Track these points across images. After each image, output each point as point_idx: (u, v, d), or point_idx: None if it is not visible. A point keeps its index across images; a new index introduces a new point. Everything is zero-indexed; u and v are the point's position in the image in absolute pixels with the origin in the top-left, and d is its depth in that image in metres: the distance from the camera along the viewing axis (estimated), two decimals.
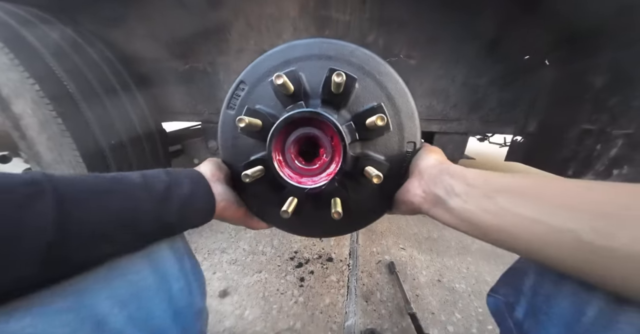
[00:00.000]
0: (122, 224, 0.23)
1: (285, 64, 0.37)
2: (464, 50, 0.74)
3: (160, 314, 0.26)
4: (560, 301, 0.23)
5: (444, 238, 1.11)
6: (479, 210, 0.24)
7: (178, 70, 0.99)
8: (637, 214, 0.17)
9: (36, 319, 0.20)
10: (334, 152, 0.34)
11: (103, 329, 0.22)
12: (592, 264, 0.19)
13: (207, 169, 0.36)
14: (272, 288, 0.83)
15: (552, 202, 0.21)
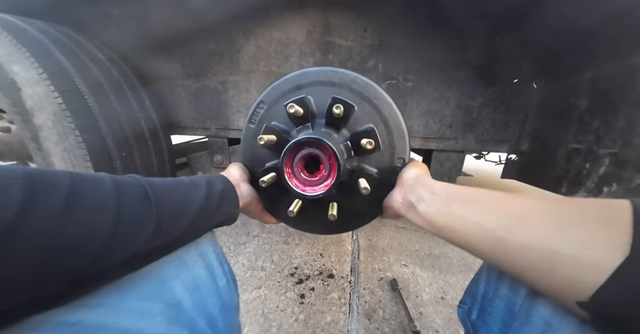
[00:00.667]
0: (188, 209, 0.30)
1: (297, 88, 0.45)
2: (456, 75, 0.81)
3: (212, 304, 0.31)
4: (499, 301, 0.28)
5: (446, 255, 1.11)
6: (437, 213, 0.31)
7: (190, 88, 1.05)
8: (532, 217, 0.23)
9: (130, 301, 0.24)
10: (332, 168, 0.40)
11: (179, 310, 0.27)
12: (503, 256, 0.24)
13: (235, 171, 0.45)
14: (272, 304, 0.81)
15: (485, 208, 0.27)
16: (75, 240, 0.19)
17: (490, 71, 0.76)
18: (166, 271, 0.28)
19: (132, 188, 0.25)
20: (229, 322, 0.33)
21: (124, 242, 0.22)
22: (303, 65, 0.93)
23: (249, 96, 1.00)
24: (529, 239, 0.22)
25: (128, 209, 0.23)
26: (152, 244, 0.25)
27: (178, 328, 0.27)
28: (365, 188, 0.39)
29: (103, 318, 0.22)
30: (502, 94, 0.75)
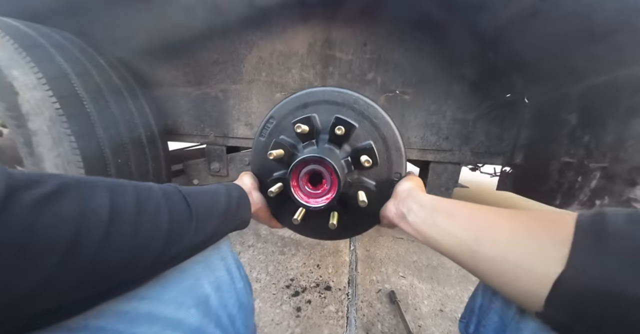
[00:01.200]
0: (215, 212, 0.34)
1: (304, 106, 0.50)
2: (452, 90, 0.84)
3: (231, 304, 0.35)
4: (493, 314, 0.30)
5: (444, 266, 1.10)
6: (424, 224, 0.34)
7: (191, 95, 1.05)
8: (496, 230, 0.26)
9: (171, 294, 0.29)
10: (333, 183, 0.44)
11: (207, 305, 0.31)
12: (476, 266, 0.26)
13: (248, 180, 0.50)
14: (267, 318, 0.78)
15: (461, 221, 0.30)
16: (146, 238, 0.24)
17: (485, 86, 0.80)
18: (197, 270, 0.32)
19: (175, 195, 0.29)
20: (246, 321, 0.37)
21: (176, 239, 0.27)
22: (304, 76, 0.95)
23: (249, 105, 1.01)
24: (494, 252, 0.25)
25: (176, 212, 0.28)
26: (192, 242, 0.30)
27: (207, 321, 0.31)
28: (363, 201, 0.43)
29: (149, 307, 0.26)
30: (496, 108, 0.79)
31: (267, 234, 1.23)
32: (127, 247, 0.22)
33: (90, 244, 0.19)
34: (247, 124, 1.03)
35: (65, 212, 0.19)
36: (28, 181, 0.18)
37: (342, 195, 0.44)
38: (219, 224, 0.34)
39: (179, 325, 0.28)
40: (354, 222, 0.52)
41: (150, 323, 0.26)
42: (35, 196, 0.18)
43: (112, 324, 0.24)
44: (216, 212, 0.34)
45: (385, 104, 0.87)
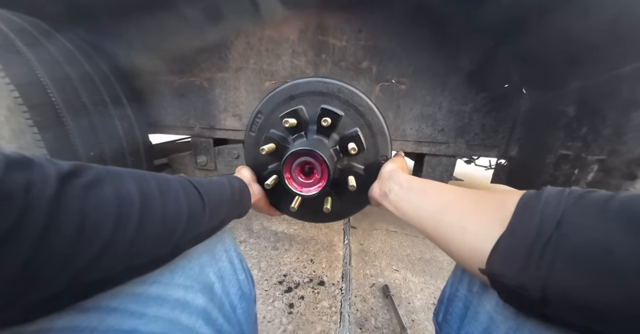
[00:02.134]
0: (223, 201, 0.37)
1: (290, 98, 0.51)
2: (448, 81, 0.81)
3: (233, 293, 0.37)
4: (458, 302, 0.33)
5: (436, 260, 1.11)
6: (402, 201, 0.39)
7: (173, 84, 0.98)
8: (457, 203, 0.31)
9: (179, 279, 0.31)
10: (323, 172, 0.46)
11: (212, 292, 0.33)
12: (436, 231, 0.31)
13: (246, 173, 0.53)
14: (258, 315, 0.76)
15: (430, 197, 0.35)
16: (171, 220, 0.27)
17: (482, 78, 0.77)
18: (203, 260, 0.34)
19: (187, 184, 0.32)
20: (247, 310, 0.39)
21: (194, 224, 0.31)
22: (295, 64, 0.90)
23: (237, 95, 0.95)
24: (452, 219, 0.29)
25: (191, 199, 0.31)
26: (207, 227, 0.33)
27: (212, 305, 0.33)
28: (352, 186, 0.47)
29: (159, 290, 0.28)
30: (492, 100, 0.77)
31: (259, 230, 1.20)
32: (157, 227, 0.26)
33: (129, 223, 0.23)
34: (235, 115, 0.97)
35: (107, 196, 0.22)
36: (72, 168, 0.21)
37: (333, 181, 0.47)
38: (226, 212, 0.38)
39: (187, 306, 0.30)
40: (346, 205, 0.56)
41: (159, 304, 0.28)
42: (83, 182, 0.21)
43: (124, 305, 0.25)
44: (224, 201, 0.37)
45: (380, 95, 0.83)
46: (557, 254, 0.19)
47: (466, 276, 0.33)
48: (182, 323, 0.29)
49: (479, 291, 0.29)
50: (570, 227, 0.20)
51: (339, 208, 0.55)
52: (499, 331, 0.25)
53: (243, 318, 0.38)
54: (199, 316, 0.30)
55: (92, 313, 0.23)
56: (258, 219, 1.29)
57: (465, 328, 0.30)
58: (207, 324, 0.31)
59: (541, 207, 0.22)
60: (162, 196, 0.27)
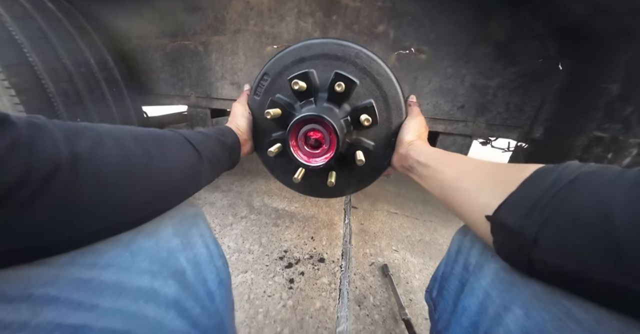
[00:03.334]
0: (215, 156, 0.38)
1: (300, 60, 0.46)
2: (474, 51, 0.72)
3: (211, 280, 0.34)
4: (454, 279, 0.34)
5: (436, 241, 1.11)
6: (422, 178, 0.40)
7: (166, 48, 0.89)
8: (474, 172, 0.32)
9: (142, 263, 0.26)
10: (332, 142, 0.43)
11: (184, 279, 0.30)
12: (452, 195, 0.33)
13: (243, 124, 0.50)
14: (259, 290, 0.77)
15: (449, 167, 0.36)
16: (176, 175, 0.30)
17: (512, 49, 0.68)
18: (173, 244, 0.31)
19: (183, 140, 0.33)
20: (226, 298, 0.36)
21: (196, 178, 0.33)
22: (301, 26, 0.79)
23: (235, 60, 0.86)
24: (470, 183, 0.31)
25: (189, 154, 0.32)
26: (207, 181, 0.36)
27: (186, 294, 0.29)
28: (361, 160, 0.44)
29: (116, 276, 0.24)
30: (522, 75, 0.68)
31: (260, 206, 1.19)
32: (164, 183, 0.27)
33: (138, 181, 0.24)
34: (233, 83, 0.89)
35: (114, 155, 0.23)
36: (73, 129, 0.22)
37: (340, 155, 0.45)
38: (221, 166, 0.40)
39: (153, 296, 0.25)
40: (351, 181, 0.54)
41: (117, 293, 0.23)
42: (87, 142, 0.22)
43: (67, 293, 0.20)
44: (216, 156, 0.38)
45: (397, 64, 0.74)
46: (561, 205, 0.20)
47: (461, 256, 0.35)
48: (148, 316, 0.24)
49: (475, 270, 0.31)
50: (581, 184, 0.20)
51: (342, 184, 0.53)
52: (494, 304, 0.26)
53: (222, 306, 0.34)
54: (169, 307, 0.26)
55: (20, 303, 0.18)
56: (259, 195, 1.28)
57: (461, 302, 0.31)
58: (181, 316, 0.27)
59: (560, 169, 0.23)
60: (163, 155, 0.28)
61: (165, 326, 0.25)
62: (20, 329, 0.17)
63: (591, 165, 0.22)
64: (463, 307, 0.30)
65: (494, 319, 0.25)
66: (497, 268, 0.27)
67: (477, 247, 0.32)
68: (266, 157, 0.53)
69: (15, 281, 0.19)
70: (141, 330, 0.23)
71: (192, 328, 0.27)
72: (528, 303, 0.23)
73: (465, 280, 0.32)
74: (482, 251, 0.31)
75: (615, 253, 0.17)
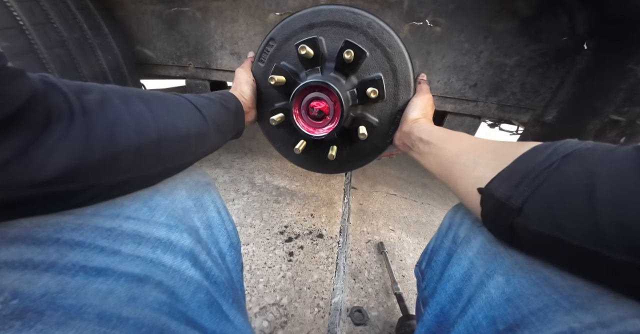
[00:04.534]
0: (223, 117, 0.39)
1: (309, 27, 0.44)
2: (495, 26, 0.65)
3: (222, 242, 0.36)
4: (442, 252, 0.36)
5: (432, 223, 1.13)
6: (423, 156, 0.41)
7: (162, 15, 0.82)
8: (472, 149, 0.33)
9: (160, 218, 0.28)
10: (335, 113, 0.42)
11: (198, 237, 0.31)
12: (449, 171, 0.34)
13: (247, 92, 0.48)
14: (260, 261, 0.81)
15: (449, 144, 0.37)
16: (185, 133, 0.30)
17: (537, 26, 0.62)
18: (188, 205, 0.32)
19: (187, 103, 0.33)
20: (235, 259, 0.38)
21: (203, 140, 0.34)
22: None
23: (235, 28, 0.80)
24: (467, 159, 0.31)
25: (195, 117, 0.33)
26: (212, 145, 0.37)
27: (200, 248, 0.30)
28: (363, 134, 0.43)
29: (136, 227, 0.25)
30: (544, 53, 0.63)
31: (261, 183, 1.21)
32: (174, 141, 0.28)
33: (150, 135, 0.25)
34: (234, 53, 0.84)
35: (122, 112, 0.24)
36: (79, 85, 0.23)
37: (343, 129, 0.44)
38: (227, 130, 0.40)
39: (171, 246, 0.27)
40: (352, 157, 0.53)
41: (137, 242, 0.24)
42: (95, 97, 0.22)
43: (91, 240, 0.22)
44: (222, 119, 0.38)
45: (409, 36, 0.69)
46: (551, 176, 0.21)
47: (451, 231, 0.36)
48: (166, 264, 0.25)
49: (463, 242, 0.32)
50: (575, 158, 0.21)
51: (343, 159, 0.52)
52: (478, 272, 0.28)
53: (232, 265, 0.36)
54: (185, 257, 0.27)
55: (49, 246, 0.19)
56: (260, 173, 1.29)
57: (447, 271, 0.33)
58: (195, 267, 0.28)
59: (558, 145, 0.23)
60: (169, 113, 0.28)
61: (181, 274, 0.26)
62: (48, 269, 0.19)
63: (588, 142, 0.22)
64: (449, 275, 0.32)
65: (477, 287, 0.27)
66: (483, 240, 0.30)
67: (466, 222, 0.34)
68: (268, 127, 0.53)
69: (45, 226, 0.20)
70: (159, 276, 0.24)
71: (204, 279, 0.29)
72: (509, 271, 0.25)
73: (452, 252, 0.34)
74: (470, 226, 0.33)
75: (592, 220, 0.18)
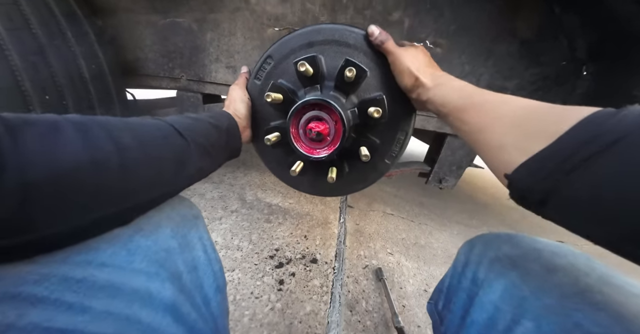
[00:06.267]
0: (212, 138, 0.35)
1: (308, 45, 0.43)
2: (496, 48, 0.66)
3: (208, 285, 0.33)
4: (462, 293, 0.34)
5: (431, 246, 1.08)
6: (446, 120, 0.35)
7: (157, 25, 0.80)
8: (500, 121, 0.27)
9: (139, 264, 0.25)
10: (336, 133, 0.40)
11: (181, 285, 0.28)
12: (478, 150, 0.29)
13: (241, 109, 0.45)
14: (246, 290, 0.73)
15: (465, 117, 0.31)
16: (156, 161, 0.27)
17: (537, 49, 0.62)
18: (173, 245, 0.29)
19: (164, 125, 0.30)
20: (222, 304, 0.35)
21: (181, 165, 0.30)
22: (307, 7, 0.72)
23: (232, 41, 0.78)
24: (490, 138, 0.27)
25: (172, 139, 0.30)
26: (196, 167, 0.32)
27: (183, 298, 0.27)
28: (366, 156, 0.41)
29: (111, 277, 0.22)
30: (544, 77, 0.63)
31: (252, 200, 1.14)
32: (143, 171, 0.25)
33: (109, 166, 0.21)
34: (229, 66, 0.81)
35: (73, 141, 0.20)
36: (19, 118, 0.19)
37: (343, 149, 0.42)
38: (219, 152, 0.36)
39: (150, 299, 0.24)
40: (352, 179, 0.50)
41: (111, 296, 0.21)
42: (39, 130, 0.19)
43: (58, 294, 0.19)
44: (210, 140, 0.35)
45: None
46: (584, 176, 0.18)
47: (469, 270, 0.34)
48: (143, 321, 0.22)
49: (484, 285, 0.30)
50: (625, 149, 0.16)
51: (343, 182, 0.50)
52: (504, 318, 0.26)
53: (217, 311, 0.33)
54: (166, 312, 0.24)
55: (6, 304, 0.17)
56: (252, 189, 1.22)
57: (470, 316, 0.30)
58: (177, 322, 0.25)
59: (612, 123, 0.18)
60: (138, 140, 0.25)
61: (160, 333, 0.23)
62: (5, 332, 0.16)
63: None
64: (472, 321, 0.30)
65: (504, 333, 0.25)
66: (506, 284, 0.28)
67: (485, 262, 0.32)
68: (262, 146, 0.50)
69: (2, 279, 0.18)
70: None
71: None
72: (539, 316, 0.23)
73: (473, 294, 0.32)
74: (490, 266, 0.31)
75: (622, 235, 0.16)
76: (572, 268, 0.26)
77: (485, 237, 0.37)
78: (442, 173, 0.84)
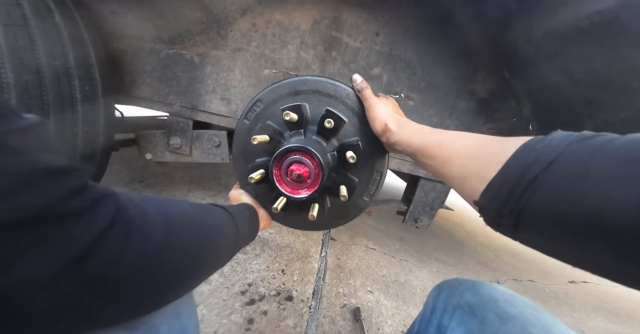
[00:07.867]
0: (244, 230, 0.42)
1: (295, 93, 0.48)
2: (458, 104, 0.77)
3: None
4: None
5: (410, 284, 1.07)
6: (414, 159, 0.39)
7: (160, 54, 0.85)
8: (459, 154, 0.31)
9: None
10: (316, 176, 0.44)
11: None
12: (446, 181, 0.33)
13: (249, 199, 0.52)
14: (209, 329, 0.65)
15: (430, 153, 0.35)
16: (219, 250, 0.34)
17: (492, 107, 0.75)
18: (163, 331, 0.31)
19: (227, 217, 0.37)
20: None
21: (230, 254, 0.38)
22: (301, 56, 0.82)
23: (230, 77, 0.85)
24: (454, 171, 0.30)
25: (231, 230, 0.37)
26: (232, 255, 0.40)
27: None
28: (344, 196, 0.44)
29: None
30: (499, 131, 0.74)
31: None
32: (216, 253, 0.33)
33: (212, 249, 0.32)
34: (224, 98, 0.86)
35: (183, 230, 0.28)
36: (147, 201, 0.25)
37: (323, 188, 0.45)
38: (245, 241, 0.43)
39: None
40: (333, 214, 0.53)
41: None
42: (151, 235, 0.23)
43: None
44: (245, 231, 0.41)
45: None
46: (537, 191, 0.20)
47: (435, 317, 0.37)
48: None
49: (447, 332, 0.34)
50: (559, 166, 0.20)
51: (324, 217, 0.52)
52: None
53: None
54: None
55: None
56: None
57: None
58: None
59: (542, 147, 0.22)
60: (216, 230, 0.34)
61: None
62: None
63: (577, 136, 0.21)
64: None
65: None
66: (466, 332, 0.33)
67: (449, 309, 0.36)
68: (247, 182, 0.52)
69: None
70: None
71: None
72: None
73: None
74: (452, 314, 0.35)
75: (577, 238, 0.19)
76: (521, 318, 0.32)
77: (450, 283, 0.42)
78: (417, 213, 0.89)
